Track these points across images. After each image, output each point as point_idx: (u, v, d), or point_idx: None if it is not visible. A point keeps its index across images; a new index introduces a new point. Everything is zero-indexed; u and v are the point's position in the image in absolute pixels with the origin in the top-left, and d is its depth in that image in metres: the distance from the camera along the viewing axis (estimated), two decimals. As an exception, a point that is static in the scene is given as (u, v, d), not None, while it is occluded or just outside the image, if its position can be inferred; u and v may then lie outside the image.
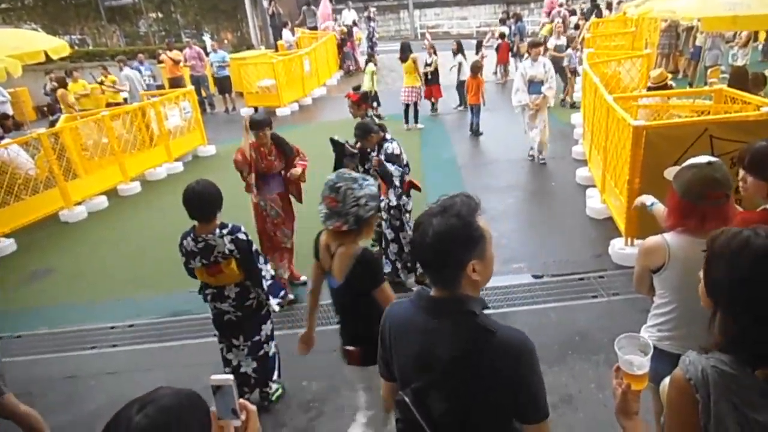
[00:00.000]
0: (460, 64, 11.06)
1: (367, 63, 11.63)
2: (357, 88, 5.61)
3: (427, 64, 10.64)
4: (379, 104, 11.44)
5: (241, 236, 3.10)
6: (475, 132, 9.55)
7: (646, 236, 4.93)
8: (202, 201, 3.03)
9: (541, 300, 4.45)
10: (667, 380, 1.38)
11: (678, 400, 1.32)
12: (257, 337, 3.41)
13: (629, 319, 4.00)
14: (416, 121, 10.41)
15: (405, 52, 10.24)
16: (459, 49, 11.09)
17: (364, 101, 5.21)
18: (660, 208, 2.60)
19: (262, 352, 3.46)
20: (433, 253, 1.42)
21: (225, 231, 3.07)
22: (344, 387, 3.69)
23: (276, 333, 3.68)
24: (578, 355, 3.72)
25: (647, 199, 2.66)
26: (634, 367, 1.45)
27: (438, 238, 1.39)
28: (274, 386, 3.61)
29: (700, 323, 1.59)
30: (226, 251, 3.07)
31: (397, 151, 4.60)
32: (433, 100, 11.18)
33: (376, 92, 11.05)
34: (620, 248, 4.98)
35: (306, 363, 3.92)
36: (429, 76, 10.70)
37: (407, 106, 10.32)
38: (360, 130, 4.66)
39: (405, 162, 4.65)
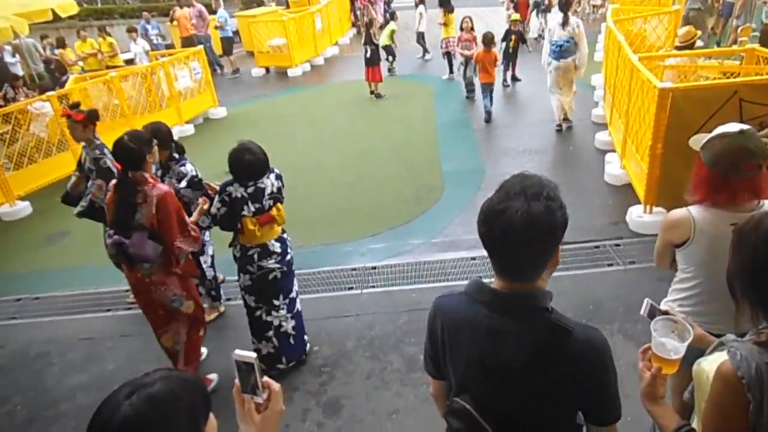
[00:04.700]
0: (420, 14, 11.77)
1: (390, 20, 11.84)
2: (75, 106, 4.22)
3: (365, 43, 9.82)
4: (394, 58, 11.67)
5: (277, 171, 3.38)
6: (487, 118, 8.05)
7: (666, 204, 4.79)
8: (263, 163, 3.21)
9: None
10: (704, 363, 1.31)
11: (726, 397, 1.23)
12: (292, 294, 3.52)
13: (645, 289, 3.93)
14: (451, 72, 10.72)
15: (450, 4, 10.55)
16: (422, 0, 11.71)
17: (91, 120, 4.08)
18: None
19: (296, 309, 3.58)
20: (525, 243, 1.20)
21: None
22: (355, 353, 3.72)
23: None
24: (592, 324, 3.68)
25: None
26: (670, 351, 1.38)
27: (532, 224, 1.18)
28: (305, 338, 3.74)
29: (723, 300, 1.53)
30: (275, 190, 3.30)
31: (194, 173, 3.78)
32: (373, 86, 10.02)
33: (391, 47, 11.36)
34: (638, 216, 4.86)
35: (318, 328, 3.98)
36: (368, 55, 9.70)
37: (449, 54, 10.55)
38: (156, 133, 3.53)
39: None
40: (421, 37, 12.25)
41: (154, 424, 0.95)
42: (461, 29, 9.21)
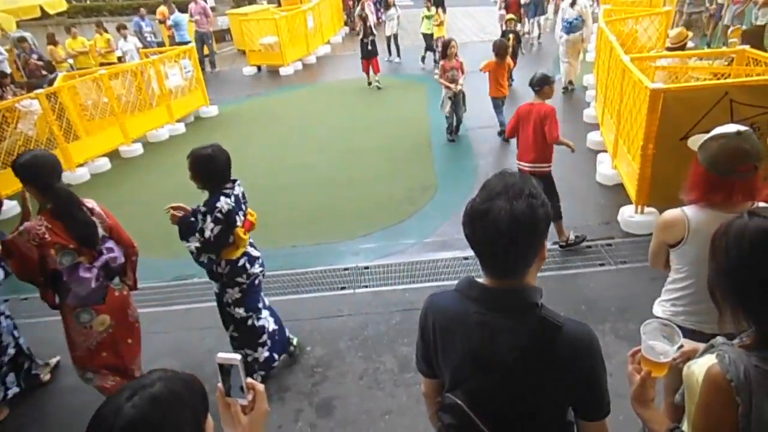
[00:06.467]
0: (398, 17, 11.96)
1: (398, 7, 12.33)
2: None
3: (365, 36, 10.07)
4: (432, 51, 11.61)
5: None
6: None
7: (657, 204, 4.81)
8: (228, 163, 3.07)
9: (547, 267, 4.39)
10: (694, 366, 1.30)
11: (715, 401, 1.23)
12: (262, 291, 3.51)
13: (637, 289, 3.96)
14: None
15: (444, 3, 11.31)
16: (394, 3, 12.03)
17: None
18: None
19: (267, 303, 3.57)
20: (510, 242, 1.21)
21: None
22: (348, 353, 3.70)
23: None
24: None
25: None
26: (659, 354, 1.38)
27: (516, 223, 1.19)
28: (285, 328, 3.66)
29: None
30: (242, 195, 3.19)
31: None
32: (374, 77, 10.37)
33: (432, 35, 11.41)
34: (630, 216, 4.89)
35: (310, 328, 3.95)
36: (369, 47, 10.08)
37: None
38: None
39: None
40: (393, 40, 12.28)
41: (158, 424, 0.94)
42: (445, 56, 7.31)
